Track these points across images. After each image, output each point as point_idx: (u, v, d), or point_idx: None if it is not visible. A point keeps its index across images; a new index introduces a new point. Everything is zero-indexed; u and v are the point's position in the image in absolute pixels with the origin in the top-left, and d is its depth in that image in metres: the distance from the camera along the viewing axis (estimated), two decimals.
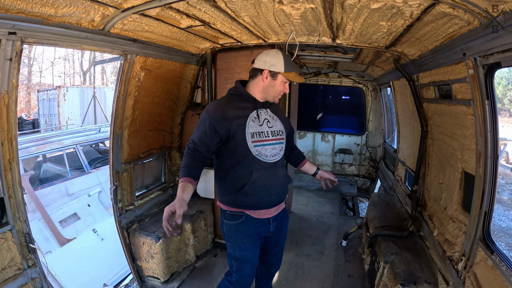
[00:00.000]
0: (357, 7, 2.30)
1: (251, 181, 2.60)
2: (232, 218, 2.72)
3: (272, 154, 2.71)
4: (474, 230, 2.59)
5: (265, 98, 2.71)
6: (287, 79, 2.65)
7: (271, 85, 2.65)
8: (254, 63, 2.69)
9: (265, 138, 2.67)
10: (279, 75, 2.61)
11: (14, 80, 2.32)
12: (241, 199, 2.64)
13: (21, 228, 2.60)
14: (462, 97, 2.82)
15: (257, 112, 2.66)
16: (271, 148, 2.70)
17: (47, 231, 6.49)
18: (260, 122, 2.66)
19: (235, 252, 2.79)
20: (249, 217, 2.70)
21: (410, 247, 3.62)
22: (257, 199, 2.66)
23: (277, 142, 2.76)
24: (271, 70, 2.60)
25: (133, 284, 4.78)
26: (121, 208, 3.86)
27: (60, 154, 8.78)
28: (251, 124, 2.60)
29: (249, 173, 2.60)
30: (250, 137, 2.58)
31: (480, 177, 2.52)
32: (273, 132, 2.74)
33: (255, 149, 2.60)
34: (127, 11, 2.49)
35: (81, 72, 35.26)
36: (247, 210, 2.69)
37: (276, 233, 2.94)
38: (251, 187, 2.61)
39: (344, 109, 9.31)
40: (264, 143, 2.66)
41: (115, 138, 3.66)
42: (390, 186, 6.13)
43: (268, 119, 2.73)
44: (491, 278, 2.32)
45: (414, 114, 4.35)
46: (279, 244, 3.06)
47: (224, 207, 2.76)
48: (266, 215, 2.76)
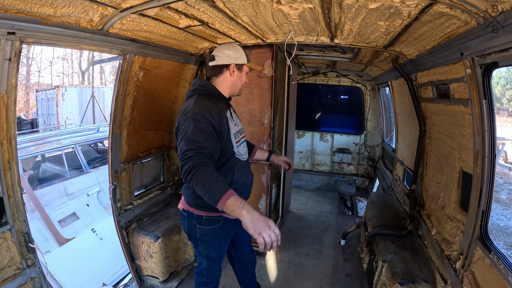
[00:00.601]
0: (355, 7, 2.31)
1: (233, 181, 2.60)
2: (209, 223, 2.66)
3: (245, 151, 2.79)
4: (472, 229, 2.60)
5: (231, 93, 2.72)
6: (249, 69, 2.70)
7: (238, 78, 2.67)
8: (213, 60, 2.63)
9: (240, 137, 2.75)
10: (244, 66, 2.64)
11: (13, 80, 2.32)
12: None
13: (20, 227, 2.60)
14: (460, 96, 2.83)
15: (230, 112, 2.68)
16: (243, 146, 2.78)
17: (46, 231, 6.48)
18: (234, 121, 2.69)
19: (211, 253, 2.80)
20: (227, 220, 2.68)
21: (408, 246, 3.63)
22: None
23: (244, 139, 2.86)
24: (237, 64, 2.62)
25: (132, 284, 4.79)
26: (120, 208, 3.86)
27: (59, 154, 8.78)
28: (231, 125, 2.59)
29: (231, 173, 2.60)
30: (234, 138, 2.61)
31: (478, 176, 2.53)
32: (240, 130, 2.82)
33: (237, 149, 2.64)
34: (125, 11, 2.49)
35: (80, 72, 35.21)
36: (224, 213, 2.54)
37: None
38: (235, 186, 2.58)
39: (342, 108, 9.31)
40: (240, 142, 2.72)
41: (114, 137, 3.66)
42: (389, 185, 6.14)
43: (233, 117, 2.75)
44: (489, 276, 2.33)
45: (412, 114, 4.37)
46: (249, 239, 3.12)
47: (200, 212, 2.64)
48: None
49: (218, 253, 2.82)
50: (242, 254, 3.18)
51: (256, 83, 4.43)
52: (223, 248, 2.85)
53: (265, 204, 4.66)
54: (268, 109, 4.41)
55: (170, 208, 4.68)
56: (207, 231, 2.68)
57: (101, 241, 6.38)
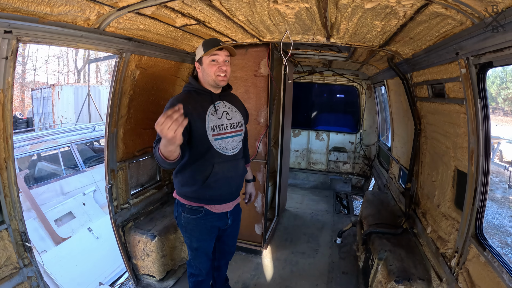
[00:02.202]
0: (351, 6, 2.32)
1: (212, 174, 2.71)
2: (191, 212, 2.82)
3: (232, 146, 2.82)
4: (466, 227, 2.62)
5: (211, 85, 2.76)
6: (210, 56, 2.66)
7: (204, 71, 2.72)
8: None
9: (224, 131, 2.77)
10: (203, 58, 2.68)
11: (10, 79, 2.31)
12: (203, 193, 2.75)
13: (17, 227, 2.60)
14: (455, 96, 2.85)
15: (214, 106, 2.74)
16: (231, 140, 2.81)
17: (42, 230, 6.46)
18: (219, 115, 2.75)
19: (192, 243, 2.95)
20: (208, 212, 2.83)
21: (403, 244, 3.65)
22: (219, 192, 2.80)
23: (236, 134, 2.88)
24: (197, 60, 2.74)
25: (128, 283, 4.78)
26: (117, 207, 3.86)
27: (55, 152, 8.74)
28: (210, 118, 2.69)
29: (211, 166, 2.70)
30: (211, 131, 2.67)
31: (473, 175, 2.55)
32: (232, 124, 2.84)
33: (216, 143, 2.70)
34: (122, 9, 2.49)
35: (76, 70, 35.05)
36: (207, 205, 2.81)
37: (234, 226, 3.14)
38: (213, 179, 2.71)
39: (338, 107, 9.33)
40: (224, 136, 2.76)
41: (110, 136, 3.66)
42: (384, 184, 6.16)
43: (227, 111, 2.83)
44: (483, 274, 2.36)
45: (407, 113, 4.39)
46: (236, 235, 3.31)
47: (184, 201, 2.83)
48: (224, 209, 2.91)
49: (199, 244, 2.95)
50: (226, 246, 3.30)
51: (252, 82, 4.43)
52: (205, 240, 2.95)
53: (261, 203, 4.67)
54: (264, 108, 4.42)
55: (167, 207, 4.68)
56: (189, 220, 2.85)
57: (98, 240, 6.37)
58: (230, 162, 2.81)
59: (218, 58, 2.67)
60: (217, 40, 2.68)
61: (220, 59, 2.67)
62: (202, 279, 3.12)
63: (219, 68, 2.67)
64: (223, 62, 2.68)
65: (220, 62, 2.68)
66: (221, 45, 2.61)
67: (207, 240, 2.96)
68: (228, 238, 3.23)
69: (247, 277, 4.32)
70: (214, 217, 2.87)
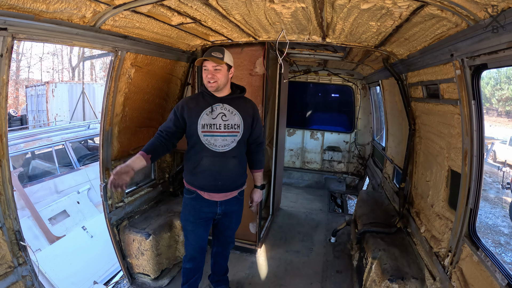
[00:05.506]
0: (347, 7, 2.33)
1: (200, 165, 3.08)
2: (187, 192, 3.26)
3: (222, 144, 3.07)
4: (460, 226, 2.65)
5: (210, 89, 3.03)
6: (202, 65, 3.00)
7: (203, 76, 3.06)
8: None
9: (216, 130, 3.05)
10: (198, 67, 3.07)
11: (5, 77, 2.30)
12: (193, 179, 3.16)
13: (11, 225, 2.58)
14: (449, 96, 2.87)
15: (212, 107, 3.04)
16: (221, 139, 3.06)
17: (37, 229, 6.44)
18: (214, 115, 3.04)
19: (182, 221, 3.38)
20: (199, 196, 3.19)
21: (397, 243, 3.68)
22: (204, 182, 3.12)
23: (229, 134, 3.09)
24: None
25: (123, 281, 4.78)
26: (111, 205, 3.84)
27: (49, 151, 8.67)
28: (204, 117, 3.02)
29: (200, 158, 3.08)
30: (201, 128, 3.01)
31: (466, 175, 2.58)
32: (226, 125, 3.08)
33: (205, 138, 3.03)
34: (118, 7, 2.49)
35: (70, 68, 34.76)
36: (198, 190, 3.17)
37: (227, 217, 3.39)
38: (199, 169, 3.09)
39: (333, 107, 9.36)
40: (214, 134, 3.04)
41: (105, 134, 3.65)
42: (378, 183, 6.19)
43: (224, 113, 3.08)
44: (476, 273, 2.38)
45: (402, 113, 4.41)
46: (230, 227, 3.53)
47: (185, 182, 3.27)
48: (214, 198, 3.20)
49: (185, 223, 3.34)
50: (221, 235, 3.57)
51: (247, 81, 4.42)
52: (190, 221, 3.27)
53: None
54: (259, 106, 4.41)
55: (161, 206, 4.68)
56: (186, 199, 3.29)
57: (92, 238, 6.36)
58: (218, 157, 3.07)
59: (208, 66, 2.95)
60: (212, 50, 2.95)
61: (209, 66, 2.94)
62: (190, 266, 3.42)
63: (207, 76, 2.97)
64: (212, 69, 2.94)
65: (210, 69, 2.95)
66: (205, 57, 2.91)
67: (192, 222, 3.27)
68: (224, 227, 3.49)
69: (242, 275, 4.33)
70: (203, 203, 3.21)
